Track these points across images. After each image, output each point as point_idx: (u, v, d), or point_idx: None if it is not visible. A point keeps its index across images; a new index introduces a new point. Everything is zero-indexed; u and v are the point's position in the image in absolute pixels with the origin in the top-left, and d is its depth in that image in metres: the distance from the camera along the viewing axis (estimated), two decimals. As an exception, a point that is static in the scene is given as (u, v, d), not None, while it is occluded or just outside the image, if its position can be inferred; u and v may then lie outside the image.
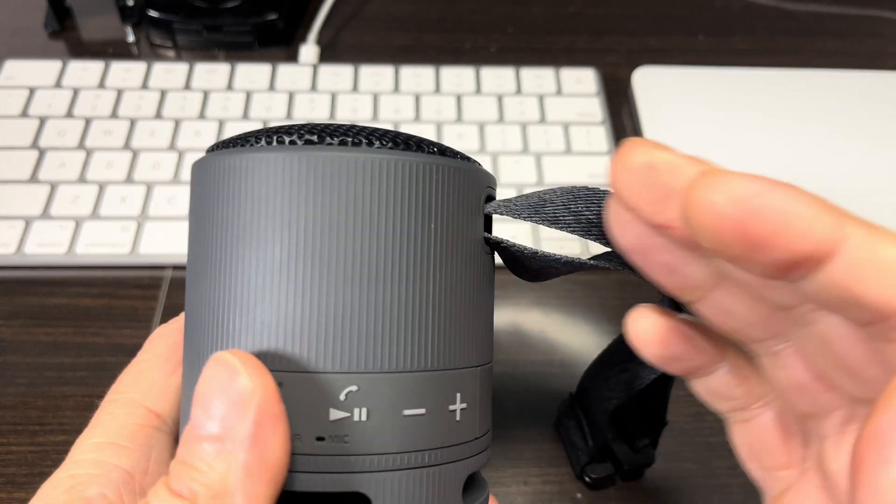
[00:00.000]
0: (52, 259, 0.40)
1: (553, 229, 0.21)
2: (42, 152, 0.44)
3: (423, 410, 0.18)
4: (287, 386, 0.17)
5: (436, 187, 0.19)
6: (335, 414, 0.17)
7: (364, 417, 0.18)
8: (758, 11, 0.57)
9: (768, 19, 0.56)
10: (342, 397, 0.17)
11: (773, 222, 0.14)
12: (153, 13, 0.50)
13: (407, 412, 0.18)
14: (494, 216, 0.21)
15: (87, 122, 0.45)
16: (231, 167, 0.18)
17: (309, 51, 0.51)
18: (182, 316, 0.22)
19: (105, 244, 0.40)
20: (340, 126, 0.19)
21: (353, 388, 0.18)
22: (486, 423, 0.21)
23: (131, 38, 0.52)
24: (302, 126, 0.19)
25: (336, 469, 0.17)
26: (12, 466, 0.33)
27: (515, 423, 0.35)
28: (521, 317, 0.40)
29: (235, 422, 0.16)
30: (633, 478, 0.33)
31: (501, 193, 0.43)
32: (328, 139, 0.18)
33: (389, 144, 0.18)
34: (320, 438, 0.17)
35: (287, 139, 0.18)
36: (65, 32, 0.52)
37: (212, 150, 0.20)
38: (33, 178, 0.43)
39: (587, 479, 0.33)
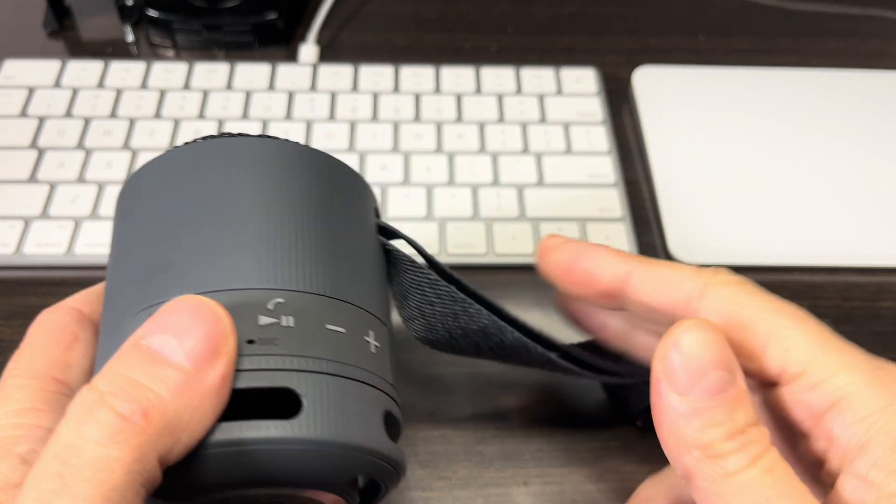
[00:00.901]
0: (51, 259, 0.39)
1: (548, 233, 0.28)
2: (41, 152, 0.44)
3: (343, 329, 0.21)
4: (221, 300, 0.19)
5: (318, 166, 0.24)
6: (264, 320, 0.20)
7: (291, 324, 0.20)
8: (758, 11, 0.57)
9: (768, 19, 0.56)
10: (270, 306, 0.20)
11: (586, 269, 0.25)
12: (153, 13, 0.50)
13: (329, 326, 0.21)
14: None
15: (87, 121, 0.45)
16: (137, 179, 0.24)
17: (309, 50, 0.51)
18: (64, 302, 0.25)
19: (104, 244, 0.40)
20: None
21: (280, 299, 0.20)
22: (395, 378, 0.23)
23: (130, 37, 0.52)
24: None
25: (266, 366, 0.19)
26: (11, 467, 0.33)
27: (515, 422, 0.35)
28: (521, 317, 0.40)
29: (206, 363, 0.18)
30: None
31: (502, 193, 0.43)
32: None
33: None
34: (251, 341, 0.19)
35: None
36: (64, 32, 0.52)
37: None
38: (32, 178, 0.42)
39: (638, 423, 0.34)
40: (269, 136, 0.24)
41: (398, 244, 0.27)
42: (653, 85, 0.50)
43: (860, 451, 0.19)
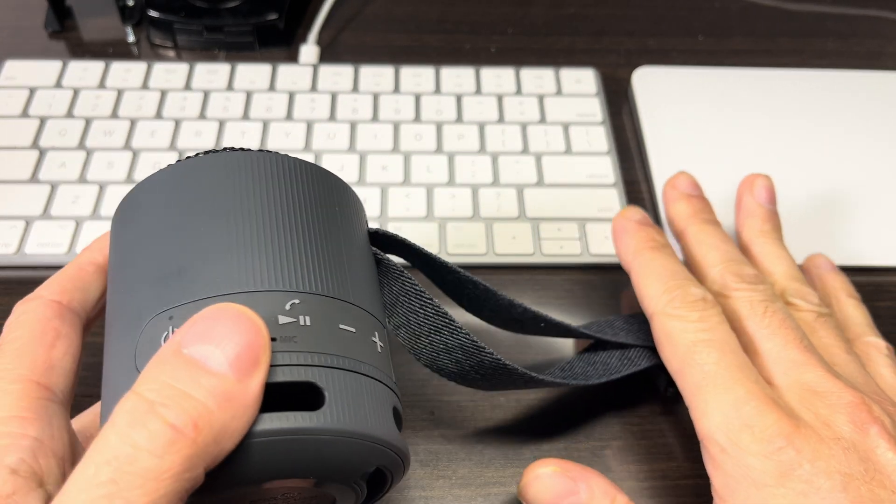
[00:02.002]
0: (52, 259, 0.40)
1: (547, 233, 0.28)
2: (42, 152, 0.44)
3: (353, 329, 0.22)
4: (241, 301, 0.20)
5: (317, 178, 0.25)
6: (283, 319, 0.20)
7: (308, 323, 0.21)
8: (758, 11, 0.57)
9: (768, 19, 0.56)
10: (287, 307, 0.21)
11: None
12: (153, 13, 0.50)
13: (342, 326, 0.22)
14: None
15: (88, 122, 0.45)
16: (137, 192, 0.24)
17: (309, 51, 0.51)
18: (41, 293, 0.24)
19: (105, 244, 0.40)
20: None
21: (296, 300, 0.21)
22: (394, 378, 0.24)
23: (132, 38, 0.52)
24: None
25: (289, 362, 0.20)
26: (12, 466, 0.33)
27: (515, 422, 0.35)
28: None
29: (248, 373, 0.18)
30: None
31: (502, 193, 0.43)
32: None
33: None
34: (273, 339, 0.20)
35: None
36: (65, 32, 0.52)
37: None
38: (34, 178, 0.43)
39: (670, 391, 0.35)
40: (269, 151, 0.25)
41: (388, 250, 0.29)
42: (652, 85, 0.50)
43: None
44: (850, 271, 0.42)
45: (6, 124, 0.45)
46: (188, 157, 0.24)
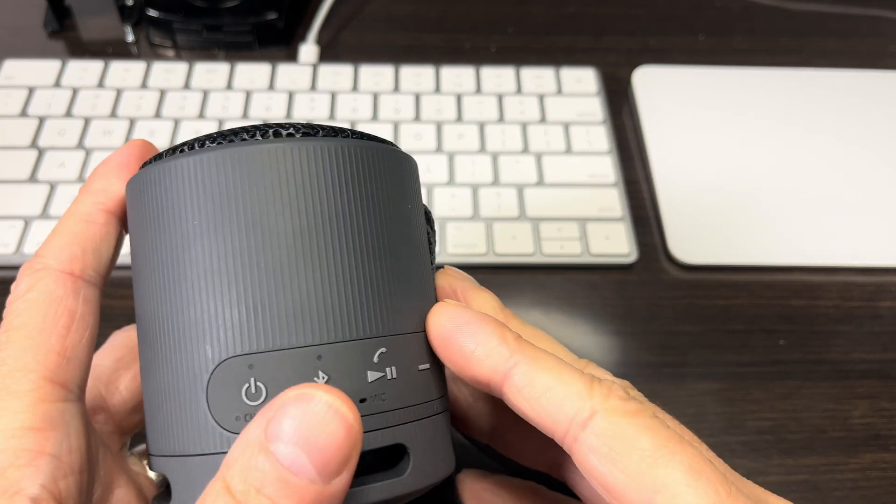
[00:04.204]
0: (51, 259, 0.39)
1: (548, 233, 0.24)
2: (41, 152, 0.44)
3: (427, 365, 0.20)
4: (326, 357, 0.18)
5: (387, 173, 0.20)
6: (372, 376, 0.19)
7: (394, 375, 0.19)
8: (758, 11, 0.57)
9: (768, 19, 0.56)
10: (375, 359, 0.19)
11: (462, 348, 0.20)
12: (153, 13, 0.50)
13: (421, 367, 0.20)
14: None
15: (87, 121, 0.45)
16: (183, 171, 0.19)
17: (309, 50, 0.51)
18: (48, 263, 0.20)
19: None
20: (258, 125, 0.20)
21: (383, 349, 0.19)
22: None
23: (131, 37, 0.52)
24: (239, 128, 0.20)
25: (380, 426, 0.19)
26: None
27: (516, 423, 0.35)
28: (522, 317, 0.40)
29: (337, 475, 0.17)
30: None
31: (502, 193, 0.43)
32: (246, 135, 0.19)
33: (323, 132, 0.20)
34: (363, 400, 0.19)
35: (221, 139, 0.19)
36: (64, 32, 0.52)
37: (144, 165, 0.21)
38: (33, 178, 0.42)
39: None
40: (333, 138, 0.20)
41: None
42: (653, 85, 0.50)
43: None
44: (850, 271, 0.42)
45: (5, 124, 0.45)
46: (245, 135, 0.19)
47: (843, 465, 0.35)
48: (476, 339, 0.20)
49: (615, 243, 0.41)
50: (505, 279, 0.41)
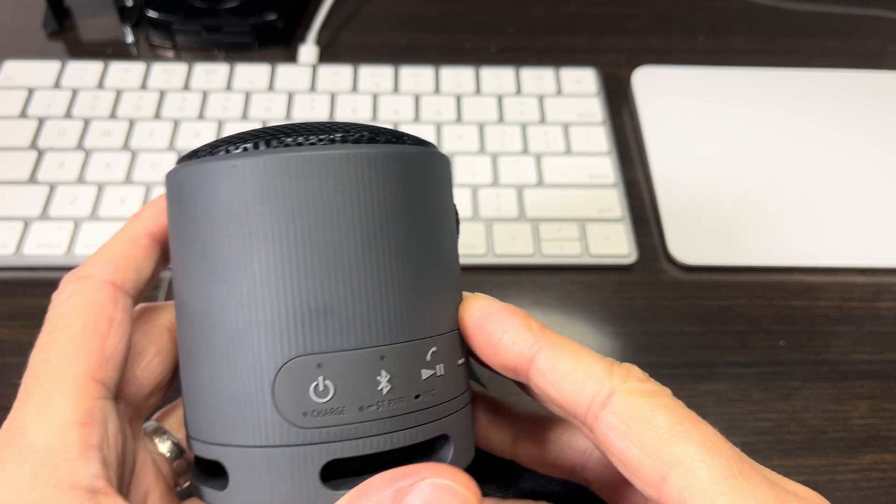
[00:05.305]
0: (51, 260, 0.39)
1: (547, 233, 0.25)
2: (41, 153, 0.44)
3: (463, 359, 0.22)
4: (388, 358, 0.20)
5: (427, 175, 0.21)
6: (426, 374, 0.20)
7: (442, 372, 0.21)
8: (758, 11, 0.57)
9: (768, 19, 0.56)
10: (428, 358, 0.20)
11: (491, 335, 0.21)
12: (152, 13, 0.50)
13: (459, 362, 0.22)
14: None
15: (86, 122, 0.45)
16: (236, 173, 0.19)
17: (308, 51, 0.51)
18: (91, 272, 0.22)
19: (104, 245, 0.40)
20: (301, 126, 0.21)
21: (434, 348, 0.21)
22: None
23: (130, 38, 0.52)
24: (276, 129, 0.20)
25: (431, 419, 0.20)
26: (11, 468, 0.33)
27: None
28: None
29: None
30: None
31: (502, 193, 0.43)
32: (292, 140, 0.20)
33: (363, 137, 0.20)
34: (417, 396, 0.20)
35: (264, 142, 0.20)
36: (64, 33, 0.52)
37: (184, 160, 0.21)
38: (32, 179, 0.42)
39: None
40: (395, 144, 0.21)
41: None
42: (653, 85, 0.50)
43: None
44: (850, 271, 0.42)
45: (5, 125, 0.45)
46: (313, 138, 0.20)
47: (843, 465, 0.35)
48: (503, 327, 0.21)
49: (615, 244, 0.41)
50: (505, 280, 0.41)
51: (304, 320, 0.19)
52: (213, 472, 0.21)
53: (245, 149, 0.20)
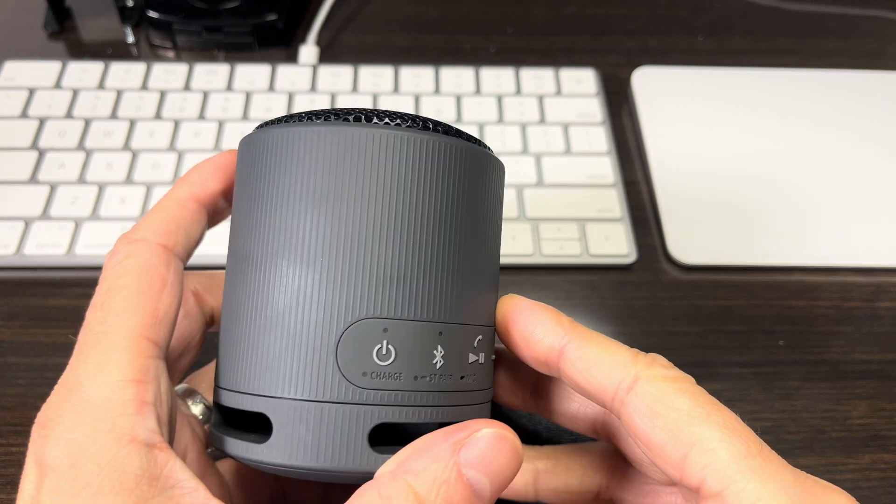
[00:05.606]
0: (51, 260, 0.40)
1: (547, 233, 0.26)
2: (42, 153, 0.44)
3: (494, 356, 0.24)
4: (445, 334, 0.21)
5: (484, 169, 0.22)
6: (471, 358, 0.22)
7: (482, 361, 0.22)
8: (758, 11, 0.57)
9: (768, 19, 0.56)
10: (475, 344, 0.22)
11: (524, 329, 0.23)
12: (153, 14, 0.50)
13: (493, 357, 0.23)
14: None
15: (87, 122, 0.45)
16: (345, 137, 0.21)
17: (308, 51, 0.51)
18: (145, 235, 0.22)
19: (105, 245, 0.40)
20: (387, 111, 0.22)
21: (480, 337, 0.22)
22: None
23: (131, 38, 0.52)
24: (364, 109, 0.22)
25: (469, 402, 0.22)
26: (12, 467, 0.33)
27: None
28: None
29: (500, 493, 0.20)
30: None
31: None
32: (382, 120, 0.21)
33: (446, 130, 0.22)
34: (462, 377, 0.21)
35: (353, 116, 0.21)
36: (64, 33, 0.52)
37: (264, 126, 0.22)
38: (33, 179, 0.43)
39: None
40: (475, 143, 0.22)
41: None
42: (652, 85, 0.50)
43: None
44: (849, 271, 0.42)
45: (5, 125, 0.45)
46: (377, 118, 0.21)
47: (843, 465, 0.35)
48: (535, 322, 0.23)
49: (614, 244, 0.41)
50: (504, 280, 0.41)
51: (376, 285, 0.20)
52: (245, 426, 0.22)
53: (346, 119, 0.21)
